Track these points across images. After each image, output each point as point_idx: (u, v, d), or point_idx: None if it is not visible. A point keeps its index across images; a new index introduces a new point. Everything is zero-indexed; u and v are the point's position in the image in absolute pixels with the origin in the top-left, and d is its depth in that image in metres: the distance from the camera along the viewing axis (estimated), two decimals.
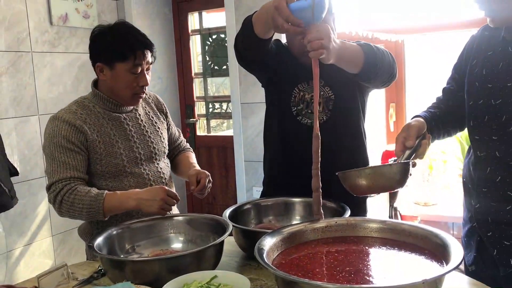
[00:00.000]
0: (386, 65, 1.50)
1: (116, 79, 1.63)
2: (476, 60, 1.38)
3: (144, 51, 1.61)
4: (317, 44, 1.23)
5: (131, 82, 1.63)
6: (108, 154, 1.63)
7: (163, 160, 1.80)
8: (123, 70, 1.61)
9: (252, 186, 3.37)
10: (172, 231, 1.53)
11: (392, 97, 3.22)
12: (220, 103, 3.95)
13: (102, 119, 1.66)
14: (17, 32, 2.95)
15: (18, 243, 2.98)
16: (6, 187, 2.38)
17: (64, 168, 1.57)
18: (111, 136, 1.65)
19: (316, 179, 1.27)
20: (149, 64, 1.66)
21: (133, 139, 1.70)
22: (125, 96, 1.66)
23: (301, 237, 1.26)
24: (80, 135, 1.60)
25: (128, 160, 1.66)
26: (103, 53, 1.62)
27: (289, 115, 1.67)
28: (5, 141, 2.67)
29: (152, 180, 1.72)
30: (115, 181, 1.65)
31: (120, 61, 1.60)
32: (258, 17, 1.37)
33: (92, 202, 1.52)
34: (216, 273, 1.16)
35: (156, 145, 1.76)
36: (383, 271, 1.11)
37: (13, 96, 2.93)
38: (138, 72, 1.62)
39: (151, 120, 1.79)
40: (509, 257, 1.32)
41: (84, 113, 1.65)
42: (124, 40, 1.60)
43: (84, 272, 1.42)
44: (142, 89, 1.66)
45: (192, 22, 3.89)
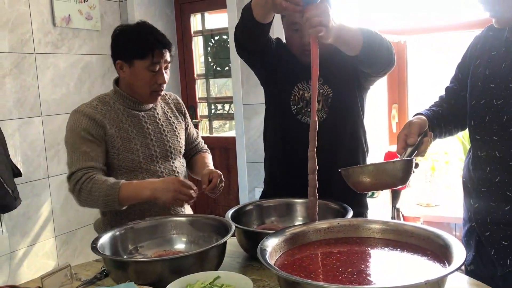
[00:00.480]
0: (384, 49, 1.49)
1: (135, 76, 1.68)
2: (480, 60, 1.38)
3: (162, 50, 1.66)
4: (316, 21, 1.23)
5: (149, 80, 1.67)
6: (125, 149, 1.68)
7: (178, 159, 1.84)
8: (141, 68, 1.66)
9: (254, 187, 3.38)
10: (175, 232, 1.54)
11: (394, 98, 3.22)
12: (222, 104, 3.95)
13: (121, 115, 1.72)
14: (20, 33, 2.96)
15: (21, 244, 2.99)
16: (10, 188, 2.39)
17: (84, 158, 1.62)
18: (129, 132, 1.70)
19: (312, 162, 1.27)
20: (167, 63, 1.70)
21: (149, 136, 1.74)
22: (143, 93, 1.71)
23: (303, 238, 1.26)
24: (99, 129, 1.65)
25: (144, 157, 1.71)
26: (123, 51, 1.69)
27: (289, 114, 1.67)
28: (9, 142, 2.68)
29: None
30: (130, 177, 1.69)
31: (139, 59, 1.65)
32: (256, 1, 1.38)
33: (108, 190, 1.55)
34: (219, 274, 1.17)
35: (172, 144, 1.80)
36: (385, 272, 1.12)
37: (16, 97, 2.94)
38: (156, 70, 1.67)
39: (169, 119, 1.84)
40: (506, 257, 1.32)
41: (104, 109, 1.70)
42: (144, 39, 1.65)
43: (88, 273, 1.43)
44: (160, 87, 1.70)
45: (195, 23, 3.90)
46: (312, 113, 1.27)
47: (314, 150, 1.27)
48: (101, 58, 3.44)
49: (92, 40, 3.38)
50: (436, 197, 2.99)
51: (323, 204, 1.57)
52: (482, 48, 1.39)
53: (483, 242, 1.38)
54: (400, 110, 3.23)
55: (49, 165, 3.14)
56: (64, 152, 1.58)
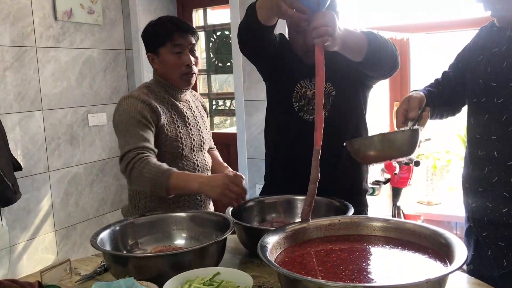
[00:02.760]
0: (389, 53, 1.50)
1: (163, 64, 1.76)
2: (482, 56, 1.37)
3: (181, 33, 1.72)
4: (323, 31, 1.22)
5: (176, 63, 1.74)
6: (172, 137, 1.73)
7: (206, 152, 1.90)
8: (166, 53, 1.74)
9: (255, 184, 3.37)
10: (175, 227, 1.53)
11: (397, 96, 3.21)
12: (223, 100, 3.94)
13: (167, 104, 1.77)
14: (21, 27, 2.95)
15: (21, 238, 2.99)
16: (10, 181, 2.39)
17: (138, 138, 1.63)
18: (174, 120, 1.76)
19: (315, 171, 1.27)
20: (191, 45, 1.75)
21: (189, 126, 1.81)
22: (175, 78, 1.76)
23: (304, 235, 1.26)
24: (153, 114, 1.68)
25: (186, 145, 1.76)
26: (148, 43, 1.79)
27: (291, 111, 1.66)
28: (9, 136, 2.68)
29: (199, 167, 1.82)
30: (172, 163, 1.70)
31: (161, 46, 1.74)
32: (262, 3, 1.37)
33: (159, 175, 1.53)
34: (218, 270, 1.16)
35: (205, 136, 1.87)
36: (386, 270, 1.11)
37: (17, 91, 2.93)
38: (180, 52, 1.73)
39: (200, 113, 1.91)
40: (503, 257, 1.31)
41: (152, 97, 1.74)
42: (161, 27, 1.75)
43: (87, 268, 1.42)
44: (188, 68, 1.75)
45: (197, 19, 3.88)
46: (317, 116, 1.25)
47: (317, 160, 1.26)
48: (103, 52, 3.43)
49: (93, 34, 3.37)
50: (437, 196, 2.98)
51: (324, 202, 1.57)
52: (485, 43, 1.38)
53: (480, 242, 1.38)
54: None
55: (49, 159, 3.13)
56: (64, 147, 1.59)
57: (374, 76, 1.63)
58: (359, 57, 1.46)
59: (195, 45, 1.78)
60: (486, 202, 1.34)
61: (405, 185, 2.78)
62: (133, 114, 1.66)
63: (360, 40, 1.43)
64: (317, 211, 1.56)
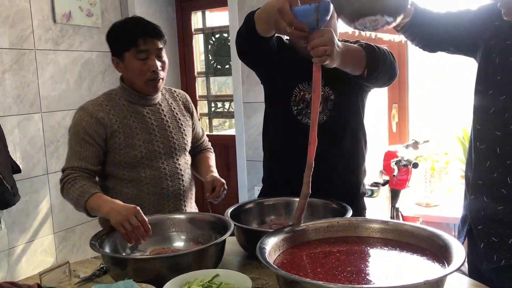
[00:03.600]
0: (387, 65, 1.50)
1: (128, 69, 1.70)
2: (495, 41, 1.33)
3: (146, 37, 1.66)
4: (321, 51, 1.21)
5: (141, 69, 1.68)
6: (128, 145, 1.68)
7: (183, 156, 1.83)
8: (130, 58, 1.67)
9: (253, 186, 3.38)
10: (174, 229, 1.54)
11: (395, 98, 3.22)
12: (222, 102, 3.95)
13: (126, 111, 1.72)
14: (20, 29, 2.95)
15: (20, 240, 2.99)
16: (9, 184, 2.39)
17: (75, 157, 1.66)
18: (132, 128, 1.70)
19: (306, 187, 1.26)
20: (158, 49, 1.69)
21: (154, 132, 1.74)
22: (139, 84, 1.71)
23: (303, 237, 1.26)
24: (99, 127, 1.66)
25: (147, 153, 1.71)
26: (113, 47, 1.72)
27: (290, 115, 1.66)
28: (8, 138, 2.68)
29: (168, 175, 1.75)
30: (132, 172, 1.70)
31: (126, 50, 1.67)
32: (260, 15, 1.36)
33: (79, 196, 1.57)
34: (217, 272, 1.17)
35: (177, 141, 1.79)
36: (384, 272, 1.11)
37: (16, 94, 2.94)
38: (144, 58, 1.66)
39: (175, 116, 1.83)
40: (494, 253, 1.32)
41: (109, 105, 1.71)
42: (126, 30, 1.69)
43: (86, 270, 1.42)
44: (154, 74, 1.69)
45: (195, 21, 3.89)
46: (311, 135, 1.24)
47: (309, 176, 1.25)
48: (102, 55, 3.44)
49: (92, 37, 3.38)
50: (436, 197, 2.99)
51: (323, 204, 1.58)
52: (499, 30, 1.33)
53: (474, 234, 1.38)
54: (400, 110, 3.23)
55: (48, 161, 3.13)
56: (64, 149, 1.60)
57: (372, 86, 1.65)
58: (357, 71, 1.47)
59: (162, 49, 1.71)
60: (484, 196, 1.34)
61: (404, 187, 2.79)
62: (77, 129, 1.66)
63: (359, 55, 1.44)
64: (315, 213, 1.57)
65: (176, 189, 1.77)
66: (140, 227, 1.41)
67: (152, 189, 1.71)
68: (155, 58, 1.68)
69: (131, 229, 1.41)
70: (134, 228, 1.41)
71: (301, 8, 1.18)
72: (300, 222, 1.28)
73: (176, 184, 1.77)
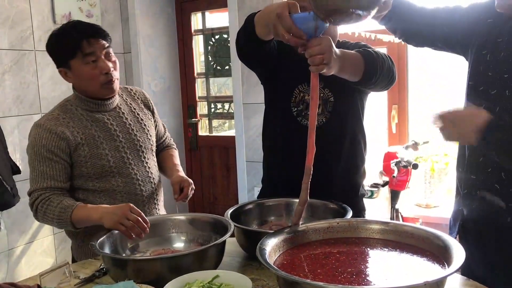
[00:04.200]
0: (386, 70, 1.50)
1: (78, 76, 1.62)
2: (487, 39, 1.34)
3: (90, 39, 1.58)
4: (319, 59, 1.21)
5: (92, 73, 1.60)
6: (93, 156, 1.63)
7: (151, 158, 1.79)
8: (78, 65, 1.60)
9: (253, 186, 3.38)
10: (174, 230, 1.54)
11: (395, 99, 3.22)
12: (222, 103, 3.95)
13: (86, 121, 1.65)
14: (20, 30, 2.95)
15: (19, 241, 2.99)
16: (9, 185, 2.39)
17: (42, 178, 1.59)
18: (96, 137, 1.64)
19: (304, 193, 1.26)
20: (105, 49, 1.61)
21: (118, 138, 1.68)
22: (94, 89, 1.63)
23: (303, 237, 1.26)
24: (61, 142, 1.59)
25: (115, 161, 1.66)
26: (56, 57, 1.64)
27: (289, 116, 1.67)
28: (8, 139, 2.68)
29: (140, 180, 1.71)
30: (102, 182, 1.65)
31: (71, 58, 1.59)
32: (260, 19, 1.35)
33: (61, 213, 1.53)
34: (217, 273, 1.17)
35: (143, 143, 1.74)
36: (384, 273, 1.12)
37: (16, 95, 2.94)
38: (94, 61, 1.59)
39: (137, 117, 1.77)
40: (484, 250, 1.33)
41: (67, 117, 1.64)
42: (66, 36, 1.59)
43: (86, 271, 1.42)
44: (108, 76, 1.62)
45: (195, 22, 3.89)
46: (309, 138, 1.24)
47: (308, 182, 1.25)
48: None
49: None
50: (436, 198, 2.99)
51: (323, 204, 1.58)
52: (492, 27, 1.33)
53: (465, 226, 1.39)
54: (400, 111, 3.23)
55: None
56: None
57: (370, 91, 1.65)
58: (355, 78, 1.47)
59: (109, 48, 1.63)
60: (477, 191, 1.34)
61: (404, 188, 2.78)
62: (38, 147, 1.59)
63: (357, 62, 1.44)
64: (315, 214, 1.57)
65: (149, 193, 1.73)
66: (139, 221, 1.40)
67: (126, 196, 1.67)
68: (104, 59, 1.61)
69: (131, 225, 1.39)
70: (133, 223, 1.40)
71: (300, 16, 1.17)
72: (298, 226, 1.28)
73: (149, 188, 1.74)
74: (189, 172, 4.01)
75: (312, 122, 1.24)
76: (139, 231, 1.41)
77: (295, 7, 1.19)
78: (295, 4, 1.19)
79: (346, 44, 1.70)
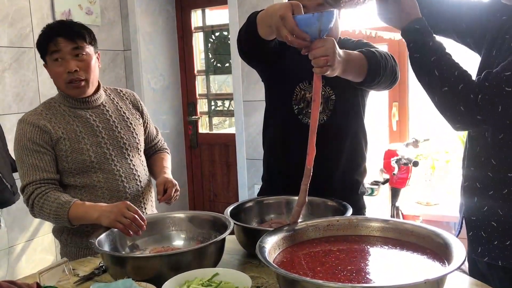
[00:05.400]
0: (389, 70, 1.50)
1: (51, 73, 1.67)
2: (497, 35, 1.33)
3: (57, 37, 1.61)
4: (323, 61, 1.21)
5: (57, 70, 1.64)
6: (74, 151, 1.63)
7: (137, 157, 1.78)
8: (50, 62, 1.65)
9: (253, 184, 3.38)
10: (174, 228, 1.53)
11: (395, 97, 3.22)
12: (222, 100, 3.95)
13: (68, 117, 1.67)
14: (20, 28, 2.95)
15: (19, 239, 2.99)
16: (8, 183, 2.38)
17: (33, 170, 1.59)
18: (77, 132, 1.65)
19: (303, 195, 1.26)
20: (73, 49, 1.62)
21: (100, 134, 1.69)
22: (61, 87, 1.67)
23: (302, 235, 1.26)
24: (44, 135, 1.61)
25: (96, 156, 1.65)
26: (40, 53, 1.68)
27: (290, 113, 1.66)
28: (8, 137, 2.67)
29: (123, 177, 1.70)
30: (83, 177, 1.65)
31: (45, 55, 1.65)
32: (263, 19, 1.34)
33: (58, 209, 1.52)
34: (217, 271, 1.16)
35: (127, 140, 1.74)
36: (384, 271, 1.11)
37: (16, 92, 2.93)
38: (59, 59, 1.62)
39: (123, 116, 1.77)
40: (479, 246, 1.32)
41: (50, 113, 1.67)
42: (42, 35, 1.65)
43: (85, 269, 1.42)
44: (72, 75, 1.62)
45: (195, 19, 3.89)
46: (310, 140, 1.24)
47: (307, 184, 1.25)
48: (101, 53, 3.40)
49: None
50: (436, 196, 2.99)
51: (323, 202, 1.57)
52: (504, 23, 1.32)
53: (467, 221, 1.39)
54: (400, 108, 3.23)
55: None
56: None
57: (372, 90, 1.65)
58: (359, 79, 1.47)
59: (79, 49, 1.63)
60: (477, 182, 1.34)
61: (404, 186, 2.78)
62: (24, 142, 1.60)
63: (360, 63, 1.43)
64: (315, 212, 1.56)
65: (133, 191, 1.72)
66: (136, 218, 1.41)
67: (108, 193, 1.66)
68: (71, 59, 1.62)
69: (128, 222, 1.40)
70: (131, 220, 1.41)
71: (304, 17, 1.16)
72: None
73: (133, 186, 1.72)
74: (189, 170, 4.01)
75: (314, 124, 1.23)
76: (136, 229, 1.41)
77: (299, 8, 1.18)
78: (298, 4, 1.18)
79: (348, 42, 1.69)
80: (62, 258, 1.39)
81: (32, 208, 1.59)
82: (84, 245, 1.66)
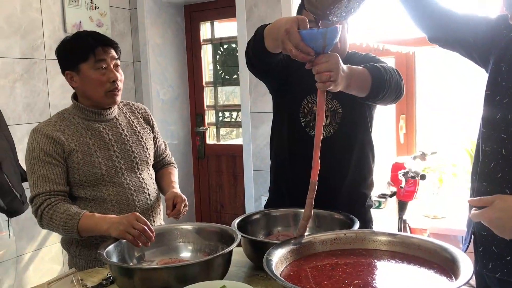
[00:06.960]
0: (393, 85, 1.50)
1: (85, 81, 1.66)
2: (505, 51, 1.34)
3: (104, 47, 1.65)
4: (326, 76, 1.22)
5: (100, 79, 1.65)
6: (86, 163, 1.64)
7: (146, 170, 1.79)
8: (88, 70, 1.64)
9: (260, 196, 3.37)
10: (181, 240, 1.54)
11: (403, 109, 3.22)
12: (230, 112, 3.96)
13: (81, 129, 1.68)
14: (32, 39, 2.99)
15: (28, 248, 3.00)
16: (18, 192, 2.40)
17: (44, 181, 1.59)
18: (90, 145, 1.66)
19: (308, 209, 1.26)
20: (115, 60, 1.68)
21: (112, 148, 1.70)
22: (98, 96, 1.67)
23: (309, 249, 1.26)
24: (57, 147, 1.62)
25: (107, 169, 1.66)
26: (66, 60, 1.68)
27: (298, 126, 1.67)
28: (18, 147, 2.70)
29: (133, 190, 1.71)
30: (94, 190, 1.65)
31: (83, 61, 1.63)
32: (269, 32, 1.36)
33: (68, 220, 1.53)
34: (224, 283, 1.17)
35: (138, 155, 1.75)
36: (391, 285, 1.11)
37: (26, 103, 2.97)
38: (103, 68, 1.64)
39: (134, 130, 1.79)
40: (490, 261, 1.31)
41: (63, 124, 1.68)
42: (82, 41, 1.65)
43: (94, 279, 1.43)
44: (113, 84, 1.66)
45: (204, 32, 3.92)
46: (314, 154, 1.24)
47: (312, 197, 1.26)
48: None
49: None
50: (443, 209, 2.97)
51: (330, 215, 1.58)
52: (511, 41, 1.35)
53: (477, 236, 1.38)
54: (408, 121, 3.23)
55: None
56: None
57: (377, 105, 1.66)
58: (363, 94, 1.47)
59: (118, 61, 1.69)
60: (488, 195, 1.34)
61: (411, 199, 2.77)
62: (36, 152, 1.61)
63: (364, 78, 1.44)
64: (322, 225, 1.57)
65: (143, 204, 1.73)
66: (145, 230, 1.42)
67: (117, 206, 1.67)
68: (113, 69, 1.66)
69: (137, 233, 1.41)
70: (140, 231, 1.41)
71: (309, 32, 1.18)
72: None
73: (142, 199, 1.73)
74: (196, 180, 4.02)
75: (318, 138, 1.24)
76: (145, 240, 1.42)
77: (304, 23, 1.19)
78: (304, 19, 1.20)
79: (355, 56, 1.70)
80: (71, 269, 1.40)
81: (40, 219, 1.59)
82: (93, 257, 1.66)
